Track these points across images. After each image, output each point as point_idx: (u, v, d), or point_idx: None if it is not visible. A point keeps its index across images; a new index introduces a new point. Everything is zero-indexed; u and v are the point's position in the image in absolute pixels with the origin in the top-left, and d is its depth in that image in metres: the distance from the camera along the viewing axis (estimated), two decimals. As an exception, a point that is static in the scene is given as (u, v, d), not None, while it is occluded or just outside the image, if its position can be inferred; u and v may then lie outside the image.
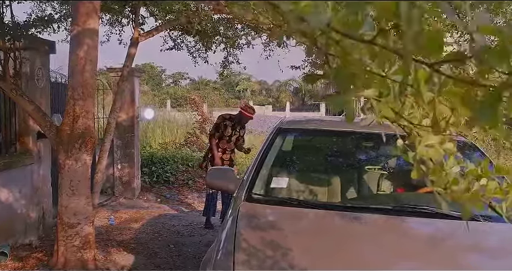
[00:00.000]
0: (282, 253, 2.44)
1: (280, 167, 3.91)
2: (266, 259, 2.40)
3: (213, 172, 3.89)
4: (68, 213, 4.72)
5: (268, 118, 23.53)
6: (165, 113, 20.83)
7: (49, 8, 7.54)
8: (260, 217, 3.03)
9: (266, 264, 2.35)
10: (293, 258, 2.38)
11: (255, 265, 2.33)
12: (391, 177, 3.88)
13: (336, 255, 2.50)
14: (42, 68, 6.08)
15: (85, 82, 4.59)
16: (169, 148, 13.66)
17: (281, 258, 2.41)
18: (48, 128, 4.74)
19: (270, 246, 2.51)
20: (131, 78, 8.57)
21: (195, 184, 10.65)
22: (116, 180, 9.26)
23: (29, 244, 5.77)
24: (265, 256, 2.42)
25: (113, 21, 8.03)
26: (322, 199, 3.61)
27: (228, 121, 7.40)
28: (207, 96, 44.31)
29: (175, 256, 5.96)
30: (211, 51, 8.75)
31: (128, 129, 9.17)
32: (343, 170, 4.05)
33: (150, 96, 40.29)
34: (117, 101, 6.38)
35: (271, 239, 2.59)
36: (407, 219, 3.05)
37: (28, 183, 5.87)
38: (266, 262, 2.37)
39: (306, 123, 4.69)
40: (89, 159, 4.75)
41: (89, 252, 4.85)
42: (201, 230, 7.32)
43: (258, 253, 2.44)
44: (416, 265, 2.46)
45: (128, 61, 6.73)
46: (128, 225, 7.40)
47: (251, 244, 2.53)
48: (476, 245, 2.88)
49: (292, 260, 2.37)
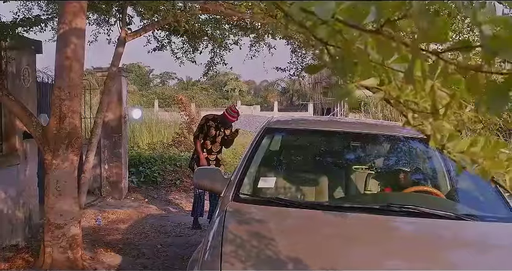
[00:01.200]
0: (269, 253, 2.44)
1: (267, 167, 3.92)
2: (253, 259, 2.40)
3: (200, 172, 3.89)
4: (55, 213, 4.70)
5: (256, 118, 23.55)
6: (153, 113, 20.78)
7: (35, 7, 7.50)
8: (247, 217, 3.03)
9: (253, 264, 2.35)
10: (280, 258, 2.39)
11: (242, 265, 2.34)
12: (378, 177, 3.91)
13: (323, 254, 2.51)
14: (28, 67, 6.03)
15: (72, 82, 4.57)
16: (157, 148, 13.63)
17: (268, 258, 2.41)
18: (35, 128, 4.71)
19: (258, 246, 2.51)
20: (118, 77, 8.53)
21: (183, 185, 10.63)
22: (103, 181, 9.21)
23: (15, 245, 5.72)
24: (253, 256, 2.43)
25: (100, 21, 8.00)
26: (309, 199, 3.62)
27: (211, 121, 7.37)
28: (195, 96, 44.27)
29: (162, 256, 5.94)
30: (197, 51, 8.75)
31: (115, 129, 9.13)
32: (331, 170, 4.07)
33: (137, 96, 40.18)
34: (104, 101, 6.36)
35: (258, 239, 2.60)
36: (394, 219, 3.07)
37: (14, 183, 5.83)
38: (253, 262, 2.37)
39: (294, 123, 4.70)
40: (75, 159, 4.73)
41: (76, 252, 4.82)
42: (188, 230, 7.31)
43: (245, 253, 2.44)
44: (403, 264, 2.48)
45: (115, 61, 6.71)
46: (115, 225, 7.37)
47: (238, 244, 2.53)
48: (462, 243, 2.91)
49: (280, 260, 2.38)
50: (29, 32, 6.05)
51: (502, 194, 3.33)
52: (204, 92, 52.88)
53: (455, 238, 2.93)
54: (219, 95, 54.97)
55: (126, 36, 6.94)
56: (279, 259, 2.39)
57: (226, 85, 56.44)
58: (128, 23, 7.37)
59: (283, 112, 37.17)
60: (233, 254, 2.42)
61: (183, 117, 15.26)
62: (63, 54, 4.54)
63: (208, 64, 9.18)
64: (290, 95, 54.71)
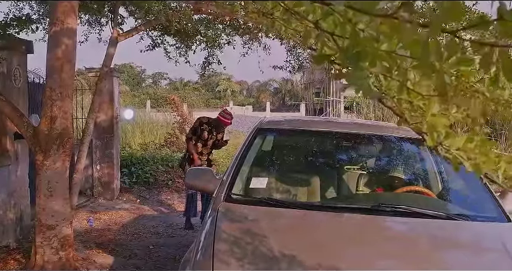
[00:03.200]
0: (261, 253, 2.45)
1: (259, 167, 3.92)
2: (245, 259, 2.40)
3: (192, 172, 3.89)
4: (46, 214, 4.68)
5: (248, 118, 23.55)
6: (145, 113, 20.72)
7: (27, 7, 7.46)
8: (239, 218, 3.04)
9: (245, 264, 2.35)
10: (272, 258, 2.39)
11: (234, 265, 2.34)
12: (370, 177, 3.92)
13: (315, 254, 2.51)
14: (19, 67, 6.00)
15: (63, 82, 4.56)
16: (149, 148, 13.60)
17: (260, 257, 2.42)
18: (26, 128, 4.68)
19: (249, 246, 2.52)
20: (110, 78, 8.52)
21: (175, 185, 10.61)
22: (95, 181, 9.18)
23: (6, 247, 5.69)
24: (244, 256, 2.43)
25: (92, 21, 7.98)
26: (301, 199, 3.63)
27: (205, 125, 7.41)
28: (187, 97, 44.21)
29: (155, 257, 5.93)
30: (191, 51, 8.74)
31: (107, 129, 9.10)
32: (323, 170, 4.07)
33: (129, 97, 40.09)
34: (95, 101, 6.34)
35: (250, 239, 2.60)
36: (386, 218, 3.08)
37: (5, 184, 5.79)
38: (245, 262, 2.37)
39: (286, 123, 4.70)
40: (67, 160, 4.71)
41: (67, 253, 4.81)
42: (181, 231, 7.30)
43: (237, 254, 2.44)
44: (394, 263, 2.49)
45: (106, 61, 6.70)
46: (107, 226, 7.35)
47: (230, 244, 2.53)
48: (453, 243, 2.92)
49: (272, 260, 2.38)
50: (19, 33, 6.03)
51: (493, 194, 3.35)
52: (196, 92, 52.84)
53: (446, 238, 2.95)
54: (211, 96, 54.94)
55: (118, 36, 6.92)
56: (271, 259, 2.39)
57: (218, 85, 56.40)
58: (120, 23, 7.36)
59: (275, 112, 37.19)
60: (225, 254, 2.43)
61: (175, 118, 15.24)
62: (55, 54, 4.53)
63: (204, 64, 9.18)
64: (282, 95, 54.76)
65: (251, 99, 56.84)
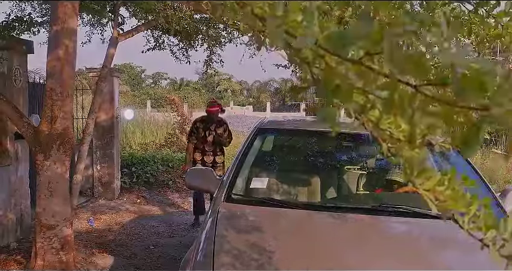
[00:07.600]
0: (261, 254, 2.45)
1: (260, 167, 3.92)
2: (245, 259, 2.40)
3: (192, 173, 3.89)
4: (47, 214, 4.67)
5: (248, 118, 23.55)
6: (145, 114, 20.72)
7: (28, 8, 7.45)
8: (240, 218, 3.04)
9: (245, 265, 2.35)
10: (273, 259, 2.39)
11: (234, 266, 2.34)
12: (370, 177, 3.92)
13: (315, 254, 2.51)
14: (19, 67, 6.00)
15: (63, 82, 4.55)
16: (150, 148, 13.59)
17: (261, 258, 2.42)
18: (26, 128, 4.68)
19: (250, 247, 2.52)
20: (110, 78, 8.51)
21: (176, 185, 10.60)
22: (95, 181, 9.17)
23: (6, 247, 5.69)
24: (245, 256, 2.43)
25: (94, 22, 7.98)
26: (302, 199, 3.63)
27: (199, 123, 7.47)
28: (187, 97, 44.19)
29: (155, 257, 5.93)
30: (193, 50, 8.75)
31: (107, 129, 9.10)
32: (323, 170, 4.07)
33: (130, 97, 40.08)
34: (95, 101, 6.34)
35: (250, 240, 2.60)
36: (386, 218, 3.08)
37: (5, 184, 5.80)
38: (245, 263, 2.37)
39: (286, 124, 4.70)
40: (67, 160, 4.71)
41: (68, 253, 4.80)
42: (181, 231, 7.30)
43: (237, 254, 2.44)
44: (394, 263, 2.49)
45: (107, 61, 6.70)
46: (107, 226, 7.35)
47: (231, 245, 2.53)
48: (454, 243, 2.92)
49: (272, 260, 2.38)
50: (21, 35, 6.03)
51: (493, 194, 3.35)
52: (196, 92, 52.82)
53: (447, 238, 2.94)
54: (211, 96, 54.93)
55: (118, 37, 6.92)
56: (271, 259, 2.39)
57: (218, 85, 56.40)
58: (121, 23, 7.35)
59: (276, 112, 37.17)
60: (225, 254, 2.43)
61: (175, 118, 15.24)
62: (55, 54, 4.52)
63: (206, 62, 9.17)
64: (282, 95, 54.73)
65: (251, 99, 56.83)
